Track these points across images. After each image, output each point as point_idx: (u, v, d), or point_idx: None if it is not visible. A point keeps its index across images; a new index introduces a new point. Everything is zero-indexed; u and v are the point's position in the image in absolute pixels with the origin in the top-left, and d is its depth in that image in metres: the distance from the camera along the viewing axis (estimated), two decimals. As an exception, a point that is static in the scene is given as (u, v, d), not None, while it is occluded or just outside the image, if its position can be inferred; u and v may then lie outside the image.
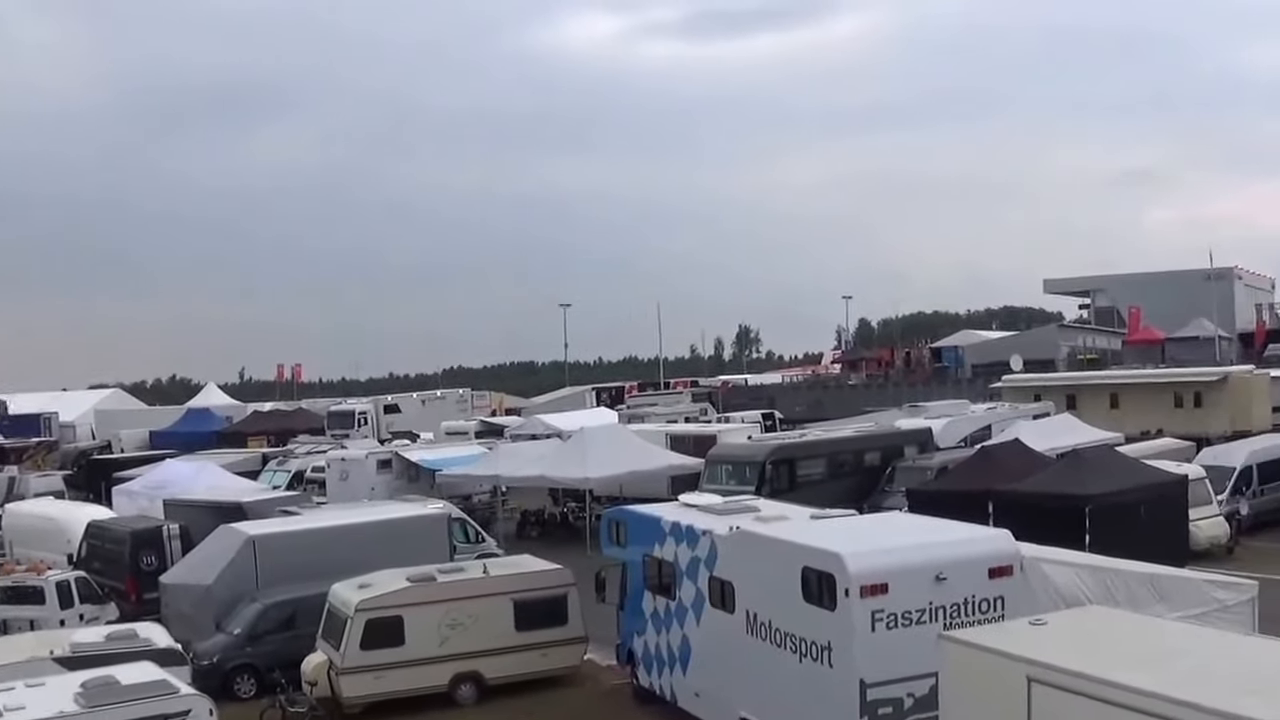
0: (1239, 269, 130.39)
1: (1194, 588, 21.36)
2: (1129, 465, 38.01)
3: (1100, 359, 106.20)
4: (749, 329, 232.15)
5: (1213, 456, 45.81)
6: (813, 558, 19.64)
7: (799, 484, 44.74)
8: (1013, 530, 21.06)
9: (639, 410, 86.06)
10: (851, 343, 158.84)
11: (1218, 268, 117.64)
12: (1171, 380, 67.62)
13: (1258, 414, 61.97)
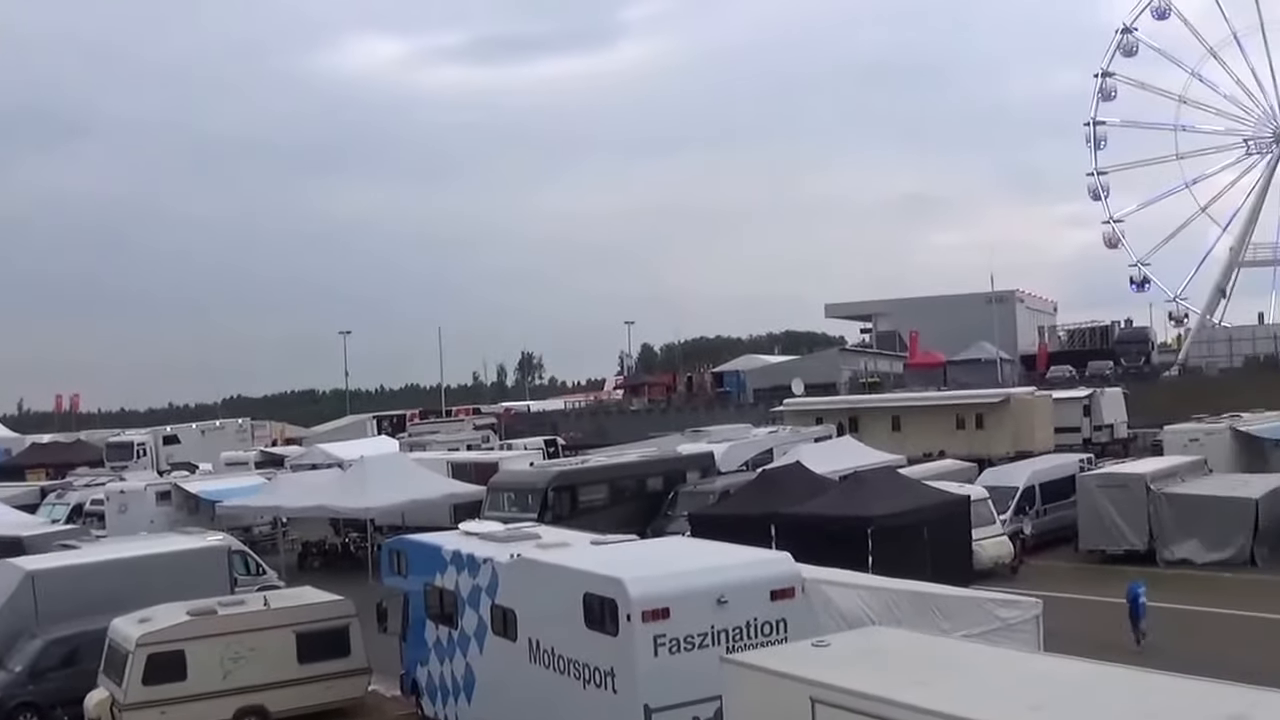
0: (1021, 292, 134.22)
1: (978, 607, 21.65)
2: (911, 487, 38.72)
3: (882, 382, 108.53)
4: (531, 355, 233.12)
5: (995, 477, 46.91)
6: (594, 584, 19.64)
7: (581, 510, 44.84)
8: (796, 553, 21.24)
9: (420, 438, 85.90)
10: (634, 368, 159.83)
11: (999, 291, 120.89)
12: (953, 402, 69.27)
13: (1040, 435, 63.71)
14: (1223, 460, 49.40)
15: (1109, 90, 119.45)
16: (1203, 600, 34.89)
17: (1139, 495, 41.60)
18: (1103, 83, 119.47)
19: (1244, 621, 32.39)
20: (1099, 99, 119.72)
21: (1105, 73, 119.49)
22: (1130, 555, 41.07)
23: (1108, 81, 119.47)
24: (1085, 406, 70.66)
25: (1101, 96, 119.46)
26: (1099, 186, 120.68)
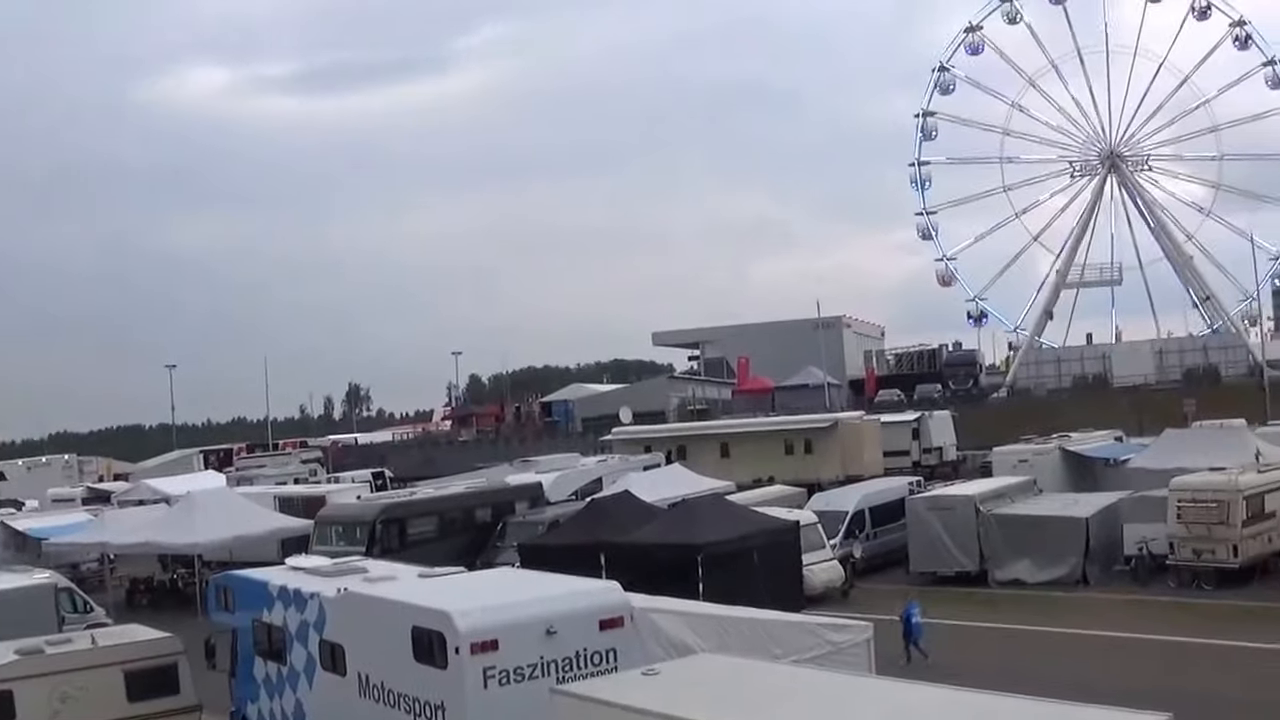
0: (848, 317, 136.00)
1: (808, 632, 21.75)
2: (740, 513, 38.91)
3: (710, 409, 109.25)
4: (359, 387, 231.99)
5: (824, 501, 47.31)
6: (422, 617, 19.53)
7: (410, 543, 44.57)
8: (626, 582, 21.26)
9: (247, 473, 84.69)
10: (462, 399, 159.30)
11: (827, 317, 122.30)
12: (781, 428, 69.95)
13: (869, 458, 64.55)
14: (1052, 480, 50.34)
15: (930, 129, 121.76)
16: (1034, 620, 35.54)
17: (968, 517, 42.21)
18: (924, 122, 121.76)
19: (1075, 640, 32.95)
20: (921, 139, 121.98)
21: (925, 112, 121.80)
22: (961, 576, 41.67)
23: (929, 120, 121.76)
24: (914, 430, 71.77)
25: (923, 136, 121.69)
26: (928, 226, 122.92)
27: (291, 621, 23.72)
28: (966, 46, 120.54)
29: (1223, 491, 38.16)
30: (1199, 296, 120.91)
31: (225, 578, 28.06)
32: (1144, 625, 33.36)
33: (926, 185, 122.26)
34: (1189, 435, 54.76)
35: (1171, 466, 42.76)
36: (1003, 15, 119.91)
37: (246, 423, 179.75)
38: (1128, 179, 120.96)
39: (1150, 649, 31.04)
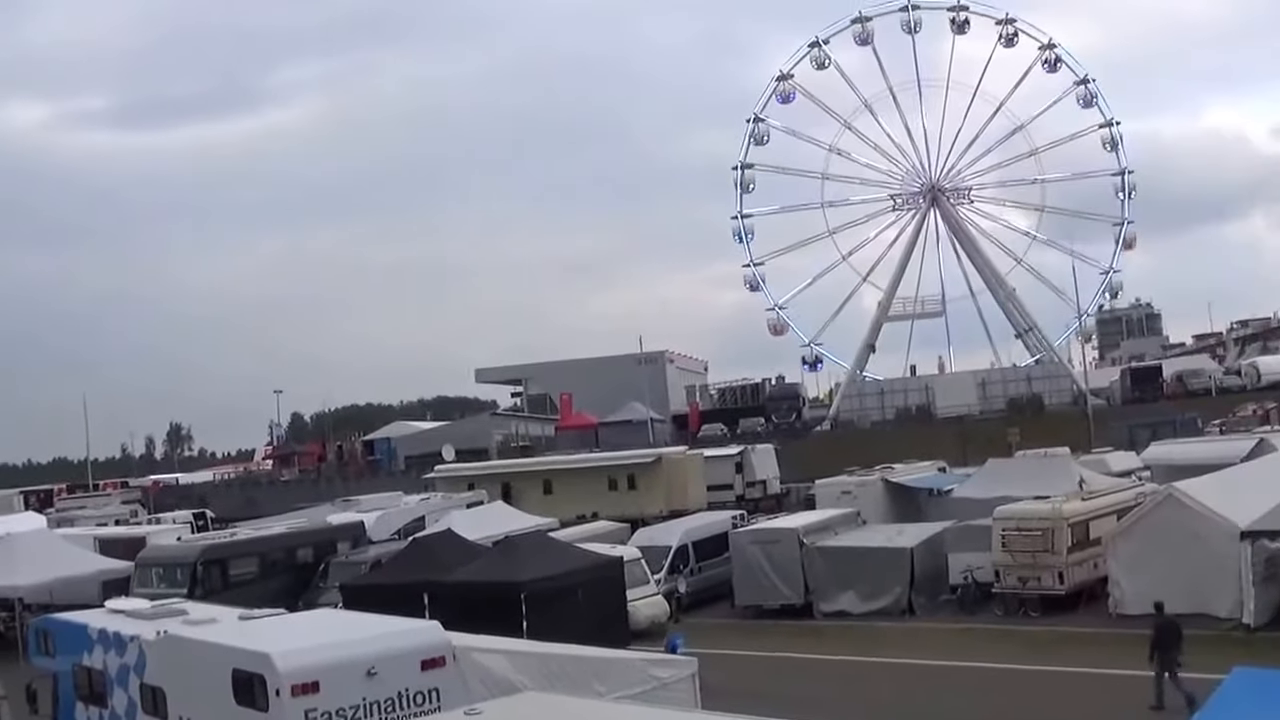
0: (671, 353, 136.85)
1: (633, 668, 21.70)
2: (563, 550, 38.78)
3: (534, 446, 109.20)
4: (180, 426, 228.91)
5: (648, 537, 47.40)
6: (242, 659, 19.34)
7: (232, 584, 44.53)
8: (450, 620, 21.30)
9: (68, 514, 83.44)
10: (284, 438, 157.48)
11: (649, 352, 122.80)
12: (605, 464, 69.91)
13: (693, 493, 64.74)
14: (876, 511, 50.75)
15: (748, 182, 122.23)
16: (860, 650, 35.84)
17: (792, 549, 42.46)
18: (741, 175, 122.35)
19: (901, 669, 33.28)
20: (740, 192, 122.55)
21: (743, 165, 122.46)
22: (787, 609, 41.90)
23: (747, 173, 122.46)
24: (737, 463, 72.16)
25: (742, 189, 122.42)
26: (755, 277, 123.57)
27: (112, 665, 23.45)
28: (778, 95, 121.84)
29: (1047, 519, 38.67)
30: (1022, 327, 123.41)
31: (45, 621, 27.80)
32: (971, 653, 33.80)
33: (750, 237, 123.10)
34: (1012, 464, 55.67)
35: (995, 495, 43.25)
36: (811, 61, 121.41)
37: (68, 462, 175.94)
38: (949, 212, 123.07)
39: (976, 676, 31.43)
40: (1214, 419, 76.86)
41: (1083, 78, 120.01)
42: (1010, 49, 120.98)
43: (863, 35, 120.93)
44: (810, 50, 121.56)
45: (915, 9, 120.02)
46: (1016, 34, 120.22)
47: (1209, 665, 21.16)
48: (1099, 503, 41.01)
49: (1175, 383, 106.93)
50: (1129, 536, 36.88)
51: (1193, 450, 54.47)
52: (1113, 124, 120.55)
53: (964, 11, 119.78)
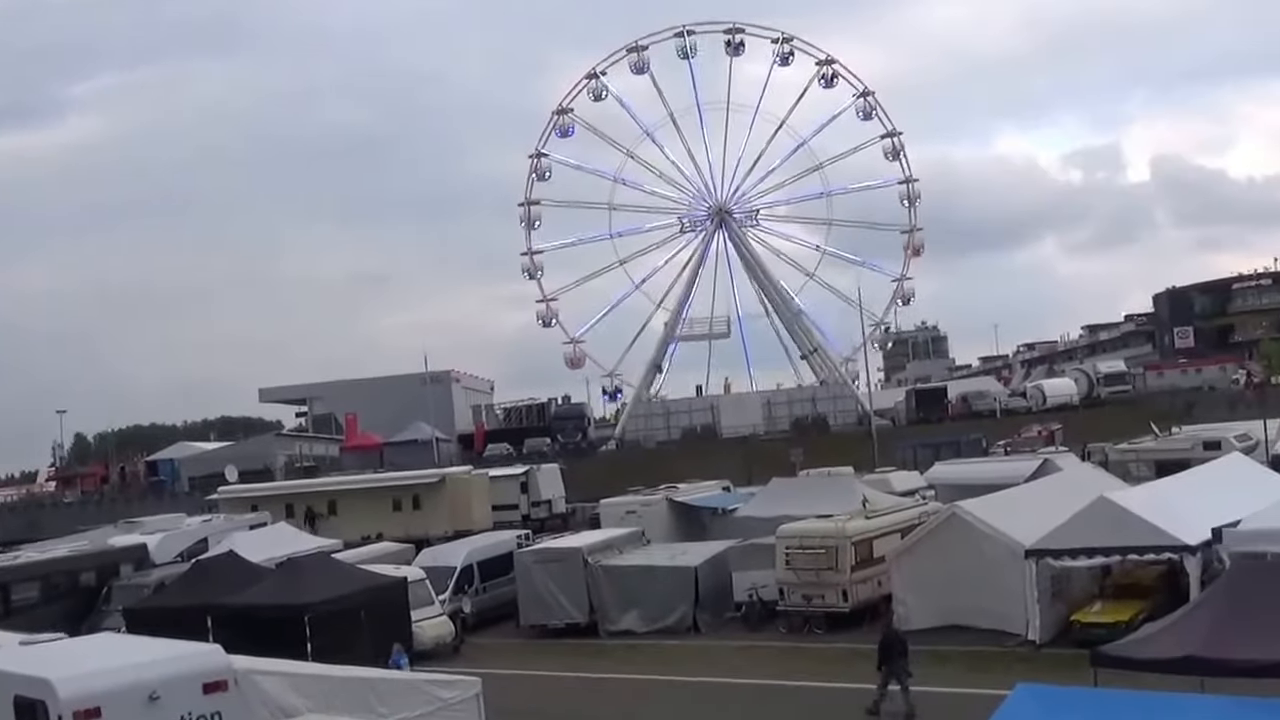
0: (457, 372, 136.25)
1: (416, 689, 21.65)
2: (347, 571, 38.76)
3: (319, 466, 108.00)
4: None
5: (433, 557, 47.26)
6: (23, 685, 18.99)
7: (13, 609, 43.87)
8: (233, 643, 21.12)
9: None
10: (66, 459, 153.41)
11: (435, 371, 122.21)
12: (389, 484, 69.57)
13: (478, 513, 64.57)
14: (661, 530, 51.12)
15: (544, 170, 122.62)
16: (645, 669, 36.05)
17: (576, 569, 42.61)
18: (538, 162, 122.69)
19: (685, 687, 33.52)
20: (534, 179, 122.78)
21: (540, 153, 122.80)
22: (572, 629, 42.01)
23: (542, 161, 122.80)
24: (522, 483, 72.14)
25: (537, 176, 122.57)
26: (533, 265, 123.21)
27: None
28: (589, 92, 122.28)
29: (830, 538, 39.18)
30: (808, 348, 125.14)
31: None
32: (755, 670, 34.15)
33: (536, 225, 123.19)
34: (796, 483, 56.53)
35: (779, 514, 43.78)
36: (629, 65, 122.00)
37: None
38: (736, 233, 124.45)
39: (760, 692, 31.82)
40: (999, 440, 78.67)
41: (862, 90, 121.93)
42: (787, 67, 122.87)
43: (639, 64, 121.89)
44: (588, 82, 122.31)
45: (690, 34, 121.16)
46: (793, 52, 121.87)
47: (994, 682, 21.68)
48: (882, 521, 41.69)
49: (960, 404, 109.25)
50: (913, 555, 37.58)
51: (977, 470, 55.92)
52: (894, 134, 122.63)
53: (739, 34, 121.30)
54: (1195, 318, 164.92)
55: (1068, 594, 35.06)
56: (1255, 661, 17.76)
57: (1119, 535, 32.71)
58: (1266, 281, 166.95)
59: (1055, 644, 32.71)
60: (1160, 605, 30.16)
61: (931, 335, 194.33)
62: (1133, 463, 56.59)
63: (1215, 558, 31.12)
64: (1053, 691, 17.34)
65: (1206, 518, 32.02)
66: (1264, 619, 18.75)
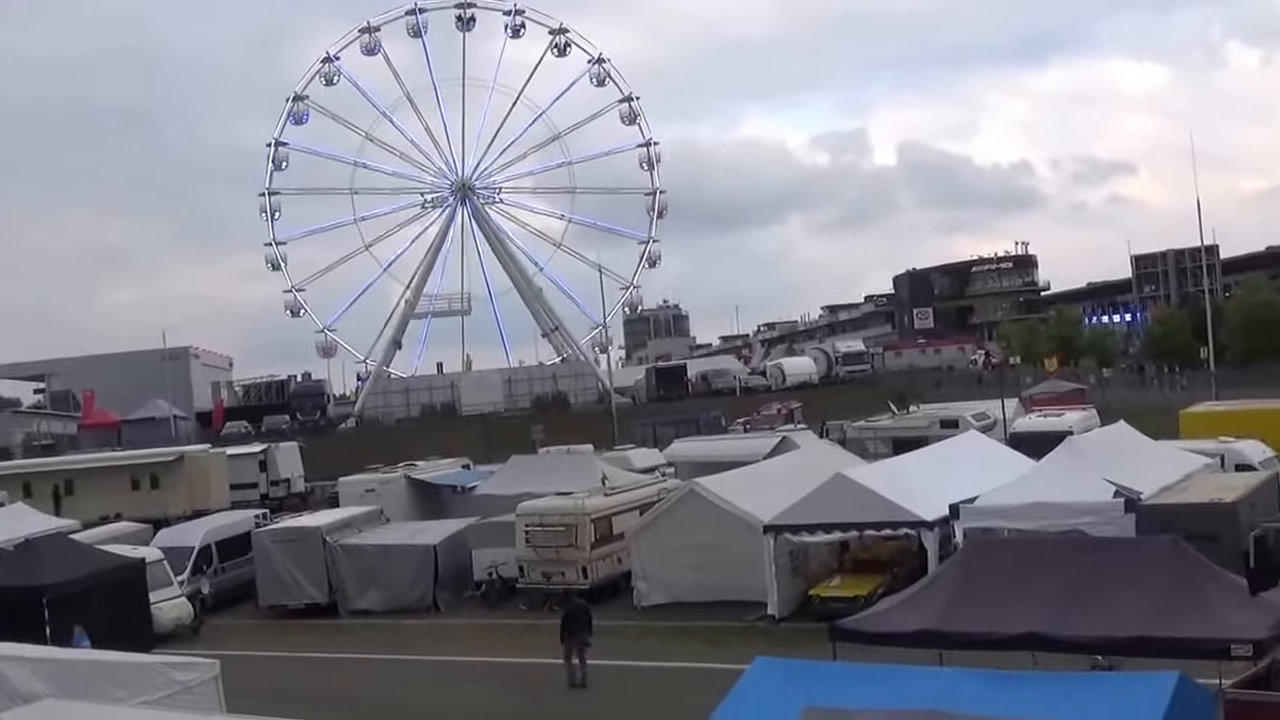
0: (195, 348, 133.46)
1: (153, 672, 21.21)
2: (84, 552, 37.71)
3: (56, 444, 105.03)
4: None
5: (171, 537, 46.11)
6: None
7: None
8: None
9: None
10: None
11: (174, 348, 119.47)
12: (127, 463, 67.86)
13: (216, 492, 63.44)
14: (400, 509, 50.73)
15: (281, 159, 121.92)
16: (384, 648, 35.88)
17: (315, 548, 42.08)
18: (275, 151, 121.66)
19: (424, 665, 33.54)
20: (272, 169, 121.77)
21: (278, 142, 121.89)
22: (313, 609, 41.51)
23: (280, 150, 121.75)
24: (261, 462, 70.98)
25: (274, 166, 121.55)
26: (277, 256, 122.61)
27: None
28: (323, 77, 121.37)
29: (570, 515, 39.25)
30: (549, 326, 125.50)
31: None
32: (495, 648, 34.16)
33: (276, 215, 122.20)
34: (536, 461, 56.69)
35: (518, 492, 43.81)
36: (361, 47, 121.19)
37: None
38: (479, 211, 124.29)
39: (500, 671, 31.91)
40: (738, 418, 79.65)
41: (627, 95, 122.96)
42: (519, 40, 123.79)
43: (370, 45, 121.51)
44: (321, 66, 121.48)
45: (421, 11, 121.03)
46: (524, 24, 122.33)
47: (734, 656, 21.94)
48: (622, 498, 41.90)
49: (700, 382, 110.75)
50: (652, 531, 37.87)
51: (716, 448, 56.42)
52: (651, 144, 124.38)
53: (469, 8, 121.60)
54: (935, 299, 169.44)
55: (806, 569, 35.66)
56: (990, 634, 18.14)
57: (856, 511, 33.34)
58: (1006, 264, 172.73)
59: (795, 618, 33.17)
60: (898, 580, 30.90)
61: (673, 314, 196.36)
62: (870, 440, 58.13)
63: (952, 533, 31.87)
64: (791, 665, 17.47)
65: (943, 494, 32.84)
66: (998, 593, 19.14)
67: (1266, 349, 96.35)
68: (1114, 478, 32.13)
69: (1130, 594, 18.32)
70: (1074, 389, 76.80)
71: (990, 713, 14.74)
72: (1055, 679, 16.23)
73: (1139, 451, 37.55)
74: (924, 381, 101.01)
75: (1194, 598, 18.08)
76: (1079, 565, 19.96)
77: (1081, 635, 17.96)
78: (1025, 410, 61.65)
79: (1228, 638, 16.88)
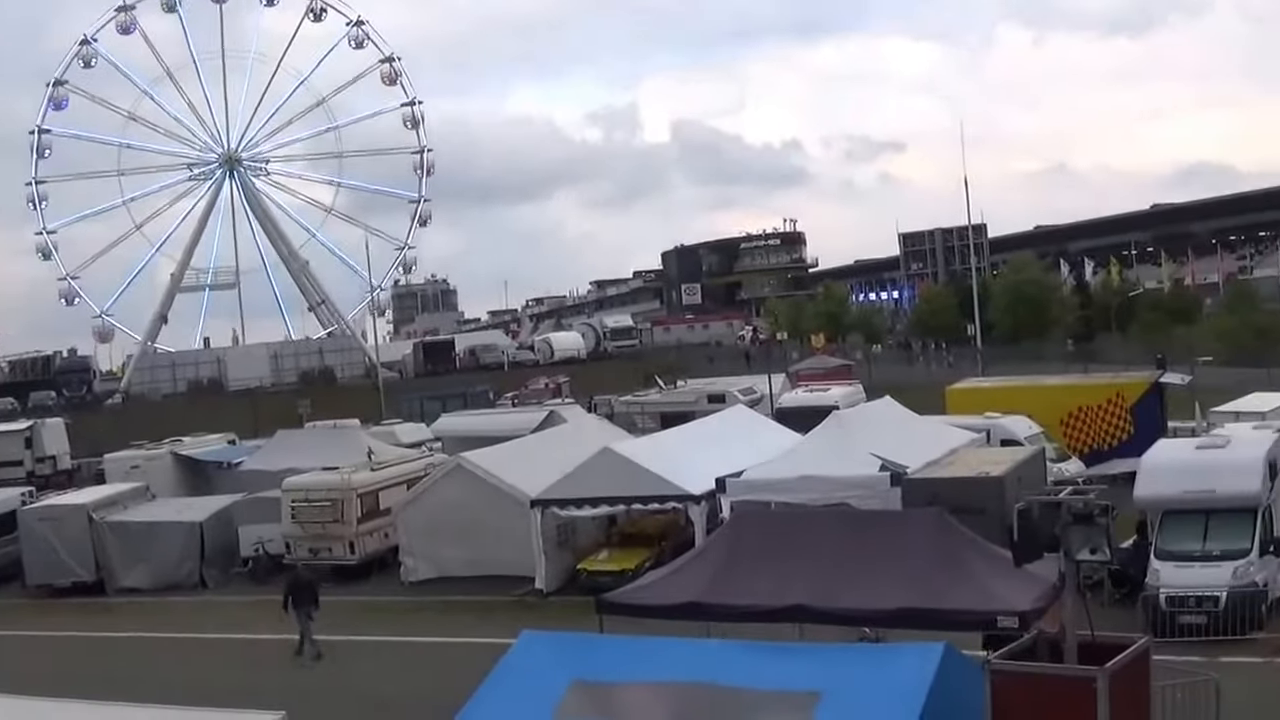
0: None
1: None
2: None
3: None
4: None
5: (-71, 518, 44.49)
6: None
7: None
8: None
9: None
10: None
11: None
12: None
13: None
14: (166, 485, 49.37)
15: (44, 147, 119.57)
16: (151, 627, 35.00)
17: (81, 526, 40.95)
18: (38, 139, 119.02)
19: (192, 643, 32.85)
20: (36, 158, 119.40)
21: (40, 129, 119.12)
22: (80, 587, 40.36)
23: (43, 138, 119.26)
24: (26, 439, 68.87)
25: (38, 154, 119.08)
26: (48, 245, 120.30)
27: None
28: (81, 60, 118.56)
29: (336, 490, 38.82)
30: (315, 300, 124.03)
31: None
32: (261, 625, 33.41)
33: (44, 204, 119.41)
34: (302, 436, 55.91)
35: (284, 467, 43.08)
36: (117, 26, 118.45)
37: None
38: (247, 183, 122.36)
39: (266, 648, 31.14)
40: (506, 392, 79.63)
41: (388, 56, 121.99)
42: (273, 8, 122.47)
43: (125, 24, 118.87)
44: (116, 14, 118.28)
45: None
46: (325, 9, 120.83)
47: (502, 630, 21.66)
48: (388, 473, 41.46)
49: (468, 356, 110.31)
50: (418, 506, 37.56)
51: (483, 422, 56.20)
52: (415, 103, 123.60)
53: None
54: (704, 275, 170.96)
55: (574, 543, 35.62)
56: (757, 607, 18.28)
57: (623, 485, 33.46)
58: (774, 241, 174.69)
59: (563, 592, 33.14)
60: (666, 554, 30.87)
61: (441, 289, 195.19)
62: (638, 415, 58.50)
63: (719, 507, 32.01)
64: (557, 638, 17.43)
65: (710, 468, 33.01)
66: (765, 566, 19.28)
67: (1032, 327, 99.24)
68: (880, 452, 32.52)
69: (897, 567, 18.58)
70: (841, 365, 78.19)
71: (756, 684, 14.80)
72: (821, 650, 16.37)
73: (905, 426, 38.04)
74: (692, 357, 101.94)
75: (960, 570, 18.42)
76: (845, 538, 20.23)
77: (848, 607, 18.17)
78: (792, 386, 62.49)
79: (994, 609, 17.21)
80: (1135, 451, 32.83)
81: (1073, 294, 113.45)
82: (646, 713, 14.87)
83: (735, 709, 14.57)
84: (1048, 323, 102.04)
